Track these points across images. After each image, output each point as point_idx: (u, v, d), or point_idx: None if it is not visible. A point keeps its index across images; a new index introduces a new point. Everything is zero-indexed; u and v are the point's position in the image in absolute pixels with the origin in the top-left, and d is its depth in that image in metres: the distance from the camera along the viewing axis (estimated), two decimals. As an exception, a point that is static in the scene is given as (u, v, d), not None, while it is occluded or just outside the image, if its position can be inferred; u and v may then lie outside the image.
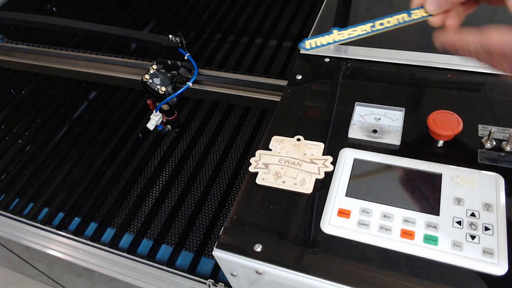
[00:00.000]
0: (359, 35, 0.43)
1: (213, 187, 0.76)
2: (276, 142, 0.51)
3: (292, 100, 0.57)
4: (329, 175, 0.47)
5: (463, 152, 0.47)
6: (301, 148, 0.50)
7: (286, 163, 0.49)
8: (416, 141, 0.49)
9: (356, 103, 0.54)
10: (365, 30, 0.43)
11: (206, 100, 0.90)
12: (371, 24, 0.42)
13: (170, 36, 0.73)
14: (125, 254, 0.65)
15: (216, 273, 0.60)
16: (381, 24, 0.42)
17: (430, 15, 0.39)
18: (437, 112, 0.48)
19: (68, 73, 0.89)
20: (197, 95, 0.84)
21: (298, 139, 0.51)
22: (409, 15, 0.41)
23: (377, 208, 0.43)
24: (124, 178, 0.80)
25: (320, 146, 0.50)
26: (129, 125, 0.87)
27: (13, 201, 0.77)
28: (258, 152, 0.51)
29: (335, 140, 0.50)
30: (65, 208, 0.74)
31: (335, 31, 0.43)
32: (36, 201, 0.76)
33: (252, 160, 0.50)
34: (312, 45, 0.44)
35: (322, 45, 0.44)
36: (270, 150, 0.51)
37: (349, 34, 0.43)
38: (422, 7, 0.39)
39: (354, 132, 0.51)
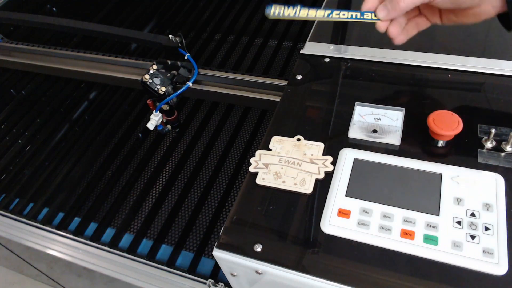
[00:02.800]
0: (316, 16, 0.49)
1: (213, 187, 0.76)
2: (276, 142, 0.51)
3: (292, 100, 0.57)
4: (329, 175, 0.47)
5: (463, 152, 0.47)
6: (301, 148, 0.50)
7: (286, 163, 0.49)
8: (416, 141, 0.49)
9: (356, 103, 0.54)
10: (322, 15, 0.49)
11: (206, 100, 0.90)
12: (329, 11, 0.49)
13: (170, 36, 0.73)
14: (125, 254, 0.65)
15: (216, 273, 0.60)
16: (337, 14, 0.49)
17: (378, 19, 0.47)
18: (437, 112, 0.48)
19: (68, 73, 0.89)
20: (197, 95, 0.84)
21: (298, 139, 0.51)
22: (362, 14, 0.48)
23: (377, 208, 0.43)
24: (124, 178, 0.80)
25: (320, 146, 0.50)
26: (129, 125, 0.87)
27: (13, 201, 0.77)
28: (258, 152, 0.51)
29: (335, 140, 0.50)
30: (65, 208, 0.74)
31: (298, 7, 0.49)
32: (36, 201, 0.76)
33: (252, 160, 0.50)
34: (275, 12, 0.49)
35: (284, 15, 0.49)
36: (270, 150, 0.51)
37: (307, 14, 0.49)
38: (373, 11, 0.47)
39: (354, 132, 0.51)
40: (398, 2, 0.44)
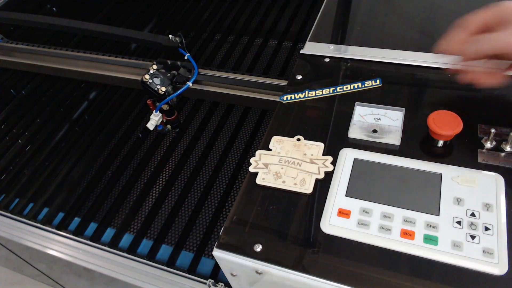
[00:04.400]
0: (322, 94, 0.56)
1: (213, 187, 0.76)
2: (276, 142, 0.51)
3: (292, 100, 0.57)
4: (329, 175, 0.47)
5: (463, 152, 0.47)
6: (301, 148, 0.50)
7: (286, 163, 0.49)
8: (416, 141, 0.49)
9: (356, 103, 0.54)
10: (328, 92, 0.56)
11: (206, 100, 0.90)
12: (333, 88, 0.57)
13: (170, 36, 0.73)
14: (125, 254, 0.65)
15: (216, 273, 0.60)
16: (341, 88, 0.56)
17: (379, 85, 0.55)
18: (437, 112, 0.48)
19: (68, 73, 0.89)
20: (197, 95, 0.84)
21: (298, 139, 0.51)
22: (363, 84, 0.56)
23: (377, 208, 0.43)
24: (124, 178, 0.80)
25: (320, 146, 0.50)
26: (129, 125, 0.87)
27: (13, 201, 0.77)
28: (258, 152, 0.51)
29: (335, 140, 0.50)
30: (65, 208, 0.74)
31: (306, 91, 0.57)
32: (36, 201, 0.76)
33: (252, 160, 0.50)
34: (289, 98, 0.57)
35: (295, 98, 0.57)
36: (270, 150, 0.51)
37: (315, 94, 0.57)
38: (374, 79, 0.56)
39: (354, 132, 0.51)
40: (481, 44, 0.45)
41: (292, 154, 0.50)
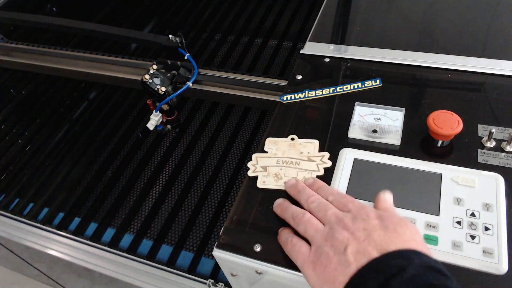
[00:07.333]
0: (322, 94, 0.57)
1: (213, 187, 0.75)
2: (271, 143, 0.51)
3: (292, 101, 0.57)
4: (329, 172, 0.47)
5: (463, 152, 0.47)
6: (296, 147, 0.50)
7: (284, 164, 0.49)
8: (416, 141, 0.49)
9: (356, 103, 0.54)
10: (328, 92, 0.57)
11: (206, 100, 0.90)
12: (333, 88, 0.57)
13: (170, 36, 0.73)
14: (125, 254, 0.65)
15: (216, 273, 0.60)
16: (341, 88, 0.57)
17: (379, 85, 0.55)
18: (437, 112, 0.48)
19: (68, 73, 0.89)
20: (197, 95, 0.84)
21: (292, 139, 0.51)
22: (363, 84, 0.56)
23: (377, 208, 0.43)
24: (124, 178, 0.80)
25: (315, 143, 0.50)
26: (129, 125, 0.87)
27: (13, 201, 0.77)
28: (254, 156, 0.50)
29: (335, 140, 0.50)
30: (65, 208, 0.74)
31: (306, 91, 0.58)
32: (36, 201, 0.76)
33: (249, 164, 0.49)
34: (289, 98, 0.57)
35: (295, 98, 0.57)
36: (266, 152, 0.50)
37: (315, 94, 0.57)
38: (374, 79, 0.56)
39: (354, 132, 0.51)
40: None
41: (289, 154, 0.50)
